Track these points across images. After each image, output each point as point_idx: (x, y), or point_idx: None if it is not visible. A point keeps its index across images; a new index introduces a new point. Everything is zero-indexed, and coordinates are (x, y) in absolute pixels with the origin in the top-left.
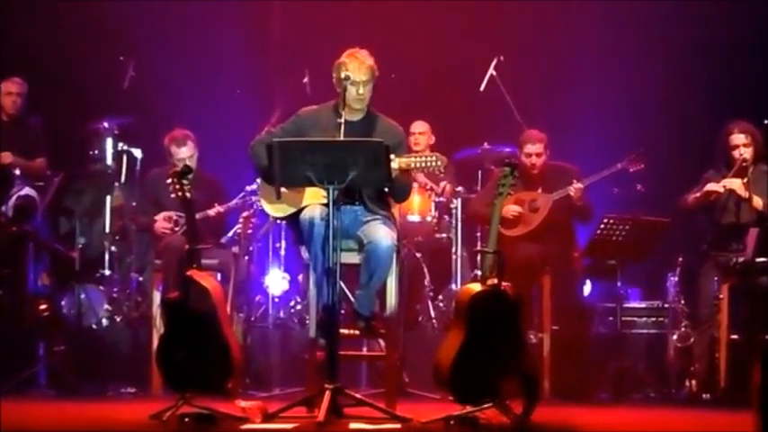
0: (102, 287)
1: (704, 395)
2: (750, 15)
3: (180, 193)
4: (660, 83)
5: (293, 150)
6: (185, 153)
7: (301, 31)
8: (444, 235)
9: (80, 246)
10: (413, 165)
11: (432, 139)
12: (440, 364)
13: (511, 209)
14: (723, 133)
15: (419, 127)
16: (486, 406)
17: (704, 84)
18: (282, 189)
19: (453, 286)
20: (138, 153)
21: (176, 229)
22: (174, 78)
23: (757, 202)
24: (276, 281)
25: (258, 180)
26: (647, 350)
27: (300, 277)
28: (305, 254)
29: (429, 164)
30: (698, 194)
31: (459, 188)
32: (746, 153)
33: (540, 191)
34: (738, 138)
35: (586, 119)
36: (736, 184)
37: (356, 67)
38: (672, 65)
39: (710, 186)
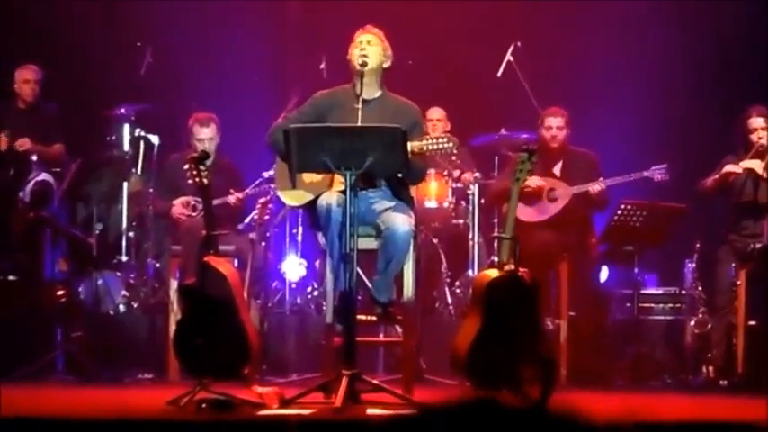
0: (119, 273)
1: (721, 381)
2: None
3: (197, 179)
4: (678, 70)
5: (309, 136)
6: (207, 134)
7: (318, 17)
8: (461, 221)
9: (97, 232)
10: (425, 148)
11: (448, 125)
12: (457, 350)
13: (534, 181)
14: (742, 117)
15: (435, 113)
16: (503, 392)
17: (720, 71)
18: (300, 176)
19: (470, 272)
20: (155, 139)
21: (194, 214)
22: (191, 65)
23: None
24: (293, 267)
25: (275, 167)
26: (665, 336)
27: (317, 263)
28: (322, 240)
29: (441, 146)
30: (716, 176)
31: (477, 174)
32: (764, 136)
33: (558, 174)
34: (757, 121)
35: (604, 106)
36: (755, 164)
37: (360, 34)
38: (690, 51)
39: (729, 168)
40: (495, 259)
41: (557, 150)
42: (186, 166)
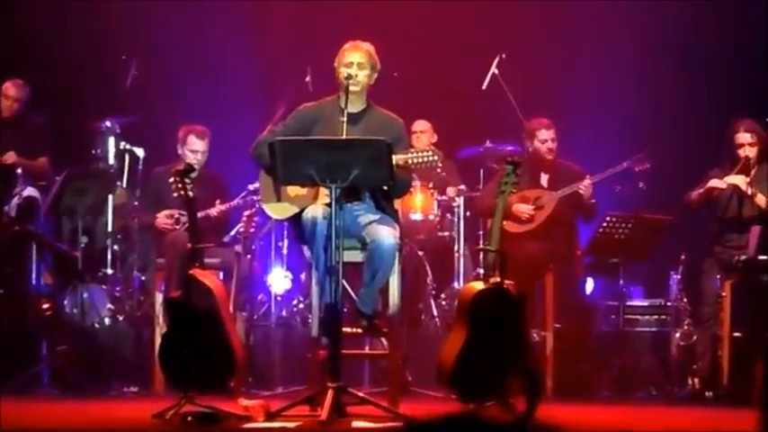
0: (104, 286)
1: (707, 393)
2: (752, 16)
3: (182, 192)
4: (663, 81)
5: (295, 149)
6: (202, 147)
7: (303, 30)
8: (447, 233)
9: (82, 245)
10: (410, 161)
11: (434, 137)
12: (442, 363)
13: (522, 208)
14: (729, 131)
15: (420, 125)
16: (488, 404)
17: (707, 82)
18: (285, 189)
19: (456, 284)
20: (140, 152)
21: (177, 226)
22: (176, 77)
23: (760, 199)
24: (279, 279)
25: (259, 179)
26: (650, 348)
27: (303, 276)
28: (307, 252)
29: (425, 158)
30: (701, 190)
31: (462, 186)
32: (751, 152)
33: (545, 185)
34: (744, 137)
35: (589, 117)
36: (739, 180)
37: (351, 51)
38: (675, 64)
39: (714, 182)
40: (481, 271)
41: (548, 162)
42: (171, 179)
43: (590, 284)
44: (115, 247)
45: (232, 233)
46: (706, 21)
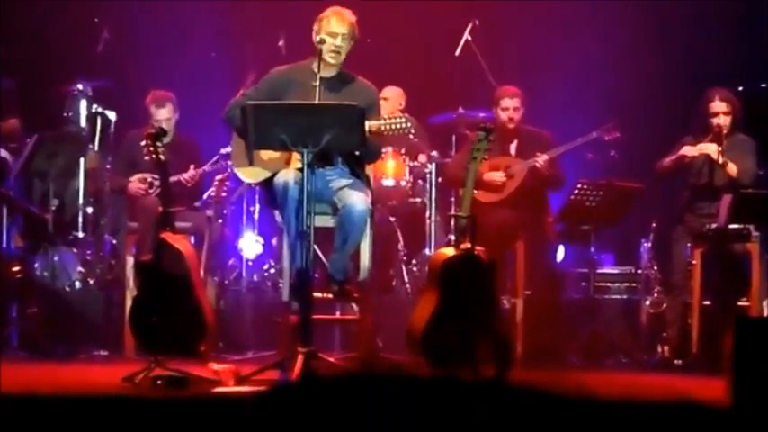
0: (75, 249)
1: (676, 361)
2: None
3: (154, 156)
4: (635, 49)
5: (267, 113)
6: (164, 114)
7: None
8: (419, 199)
9: (53, 208)
10: (383, 128)
11: (402, 103)
12: (413, 329)
13: (495, 176)
14: (703, 100)
15: (385, 92)
16: (459, 370)
17: (679, 51)
18: (258, 153)
19: (427, 251)
20: (112, 115)
21: (151, 190)
22: (148, 41)
23: (731, 168)
24: (250, 244)
25: (232, 143)
26: (620, 315)
27: (274, 241)
28: (279, 217)
29: (398, 125)
30: (673, 157)
31: (434, 153)
32: (725, 121)
33: (513, 153)
34: (719, 105)
35: (561, 85)
36: (711, 148)
37: (337, 21)
38: (647, 32)
39: (686, 150)
40: (452, 238)
41: (512, 130)
42: (143, 143)
43: (561, 252)
44: (87, 210)
45: (204, 197)
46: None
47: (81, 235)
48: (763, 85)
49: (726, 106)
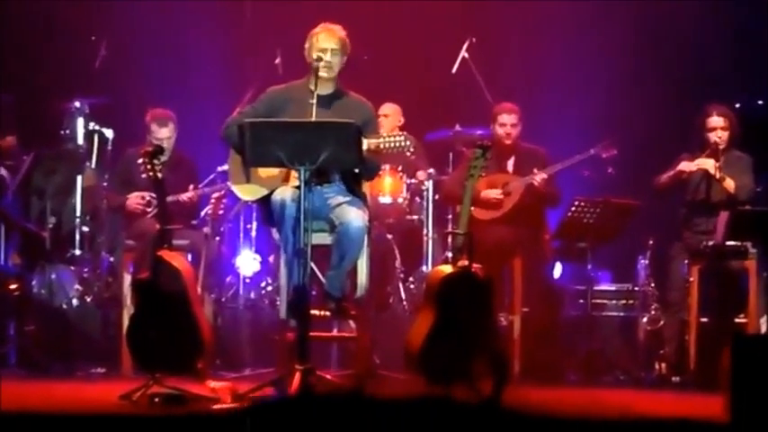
0: (72, 267)
1: (674, 378)
2: (719, 2)
3: (151, 174)
4: (633, 67)
5: (264, 131)
6: (165, 134)
7: (273, 12)
8: (416, 216)
9: (51, 225)
10: (381, 146)
11: (401, 120)
12: (410, 346)
13: (492, 193)
14: (701, 115)
15: (385, 109)
16: (456, 387)
17: (676, 68)
18: (255, 171)
19: (424, 268)
20: (109, 133)
21: (149, 209)
22: (145, 58)
23: (729, 184)
24: (247, 262)
25: (229, 161)
26: (617, 333)
27: (271, 258)
28: (276, 235)
29: (397, 144)
30: (671, 173)
31: (431, 170)
32: (722, 137)
33: (510, 170)
34: (717, 121)
35: (558, 102)
36: (709, 164)
37: (326, 36)
38: (645, 49)
39: (683, 165)
40: (449, 255)
41: (509, 147)
42: (140, 161)
43: (558, 269)
44: (84, 228)
45: (201, 215)
46: (674, 8)
47: (78, 253)
48: (761, 102)
49: (723, 121)
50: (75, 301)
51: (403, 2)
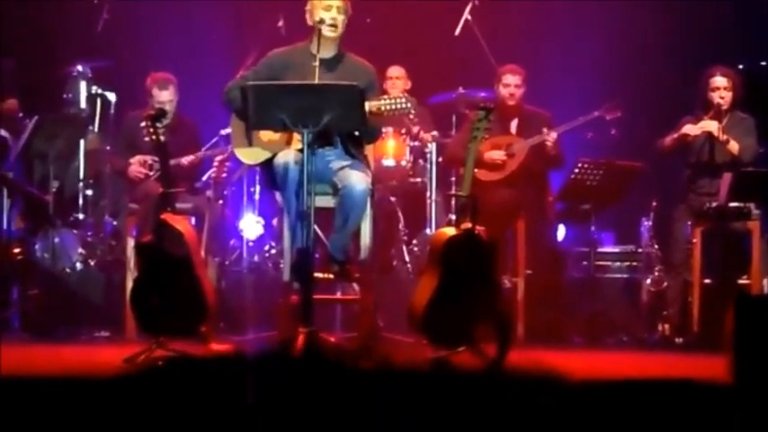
0: (75, 231)
1: (677, 339)
2: None
3: (154, 137)
4: (636, 28)
5: (267, 94)
6: (166, 97)
7: None
8: (419, 179)
9: (54, 189)
10: (383, 108)
11: (408, 83)
12: (414, 308)
13: (495, 154)
14: (704, 76)
15: (395, 71)
16: (460, 350)
17: (679, 29)
18: (257, 134)
19: (428, 230)
20: (112, 97)
21: (151, 173)
22: (148, 22)
23: (733, 146)
24: (251, 225)
25: (231, 124)
26: (621, 294)
27: (275, 221)
28: (279, 198)
29: (399, 105)
30: (675, 136)
31: (435, 132)
32: (726, 97)
33: (514, 132)
34: (720, 81)
35: (562, 64)
36: (713, 126)
37: None
38: (648, 9)
39: (687, 128)
40: (453, 217)
41: (513, 108)
42: (143, 124)
43: (561, 231)
44: (87, 191)
45: (204, 178)
46: None
47: (81, 216)
48: (764, 63)
49: (726, 82)
50: (78, 265)
51: None
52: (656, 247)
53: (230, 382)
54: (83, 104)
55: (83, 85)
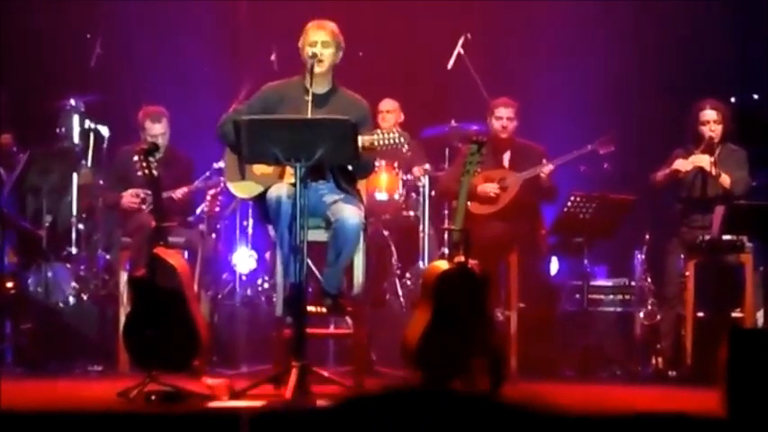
0: (69, 265)
1: (670, 372)
2: None
3: (147, 171)
4: (628, 62)
5: (260, 128)
6: (159, 130)
7: (268, 9)
8: (412, 213)
9: (47, 224)
10: (376, 142)
11: (401, 116)
12: (407, 342)
13: (488, 187)
14: (694, 109)
15: (387, 105)
16: (453, 383)
17: (671, 63)
18: (251, 168)
19: (421, 264)
20: (105, 131)
21: (143, 206)
22: (140, 56)
23: (724, 179)
24: (243, 259)
25: (224, 158)
26: (614, 328)
27: (268, 255)
28: (272, 232)
29: (392, 140)
30: (666, 171)
31: (427, 166)
32: (716, 130)
33: (506, 165)
34: (710, 114)
35: (554, 98)
36: (704, 160)
37: (315, 30)
38: (640, 45)
39: (678, 164)
40: (446, 251)
41: (505, 141)
42: (135, 158)
43: (554, 264)
44: (80, 225)
45: (197, 212)
46: (671, 5)
47: (74, 251)
48: (756, 96)
49: (716, 114)
50: (71, 299)
51: None
52: (649, 280)
53: None
54: (76, 139)
55: (76, 119)
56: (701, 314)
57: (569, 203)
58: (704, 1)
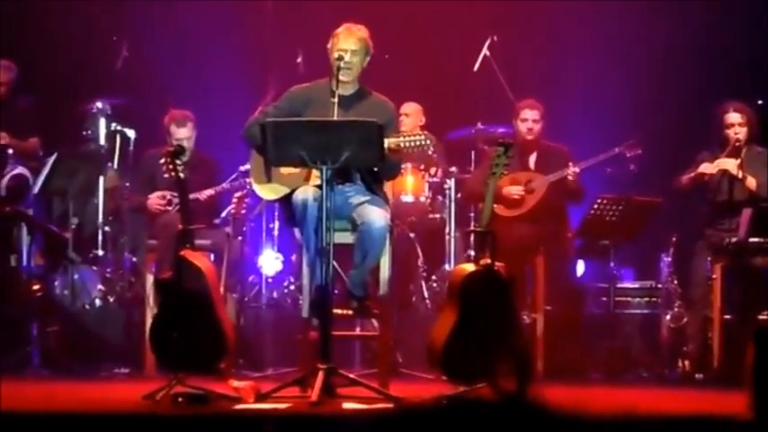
0: (95, 267)
1: (697, 375)
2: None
3: (173, 174)
4: (655, 64)
5: (286, 130)
6: (184, 134)
7: (295, 11)
8: (438, 215)
9: (73, 226)
10: (402, 145)
11: (422, 119)
12: (433, 344)
13: (513, 190)
14: (718, 112)
15: (406, 108)
16: (479, 386)
17: (699, 64)
18: (277, 170)
19: (447, 266)
20: (131, 133)
21: (170, 207)
22: (167, 59)
23: (750, 182)
24: (269, 261)
25: (251, 160)
26: (640, 330)
27: (294, 257)
28: (298, 234)
29: (418, 143)
30: (692, 175)
31: (453, 168)
32: (741, 133)
33: (532, 167)
34: (734, 117)
35: (581, 100)
36: (730, 164)
37: (345, 37)
38: (667, 46)
39: (704, 168)
40: (472, 253)
41: (531, 143)
42: (162, 161)
43: (581, 267)
44: (106, 228)
45: (223, 215)
46: (695, 7)
47: (101, 253)
48: None
49: (741, 117)
50: (97, 302)
51: (424, 1)
52: (676, 282)
53: None
54: (102, 141)
55: (102, 121)
56: (727, 317)
57: (596, 206)
58: (730, 3)
